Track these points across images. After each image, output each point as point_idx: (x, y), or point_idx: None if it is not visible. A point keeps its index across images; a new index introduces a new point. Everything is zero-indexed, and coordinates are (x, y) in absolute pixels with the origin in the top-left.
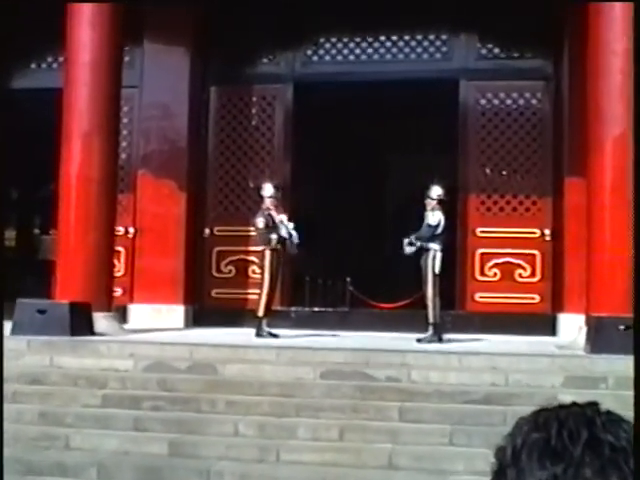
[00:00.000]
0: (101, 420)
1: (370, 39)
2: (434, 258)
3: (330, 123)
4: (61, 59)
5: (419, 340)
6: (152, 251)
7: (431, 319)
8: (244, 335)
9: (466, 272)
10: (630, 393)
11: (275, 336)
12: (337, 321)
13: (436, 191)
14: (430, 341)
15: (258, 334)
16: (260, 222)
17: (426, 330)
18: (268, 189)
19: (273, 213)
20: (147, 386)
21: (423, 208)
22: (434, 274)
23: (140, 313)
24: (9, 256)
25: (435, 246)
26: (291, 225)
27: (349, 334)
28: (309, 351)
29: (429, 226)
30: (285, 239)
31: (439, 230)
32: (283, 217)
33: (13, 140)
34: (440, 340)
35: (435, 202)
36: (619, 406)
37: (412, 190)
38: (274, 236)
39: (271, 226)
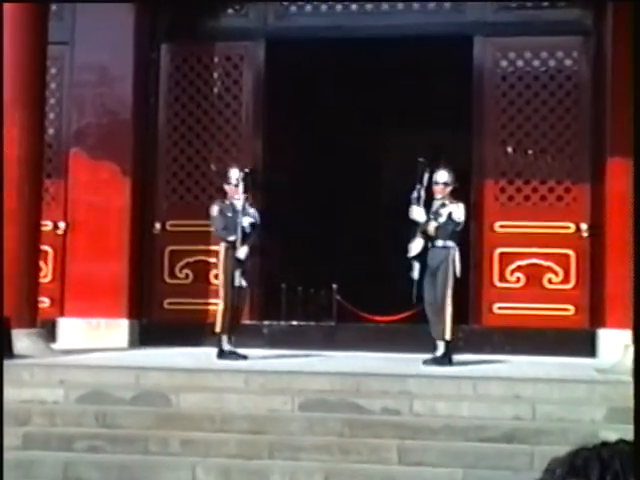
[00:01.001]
0: (23, 465)
1: None
2: (454, 258)
3: (312, 90)
4: None
5: (427, 362)
6: (88, 251)
7: (448, 335)
8: (204, 356)
9: (482, 277)
10: None
11: (242, 357)
12: (321, 338)
13: (442, 176)
14: (440, 363)
15: (220, 355)
16: (214, 209)
17: (433, 349)
18: (234, 174)
19: (237, 202)
20: (82, 421)
21: (430, 197)
22: (455, 278)
23: (73, 329)
24: None
25: (452, 243)
26: (249, 217)
27: (335, 354)
28: (286, 376)
29: (452, 221)
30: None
31: (461, 226)
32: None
33: None
34: (450, 362)
35: (447, 189)
36: None
37: (413, 175)
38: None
39: (231, 216)
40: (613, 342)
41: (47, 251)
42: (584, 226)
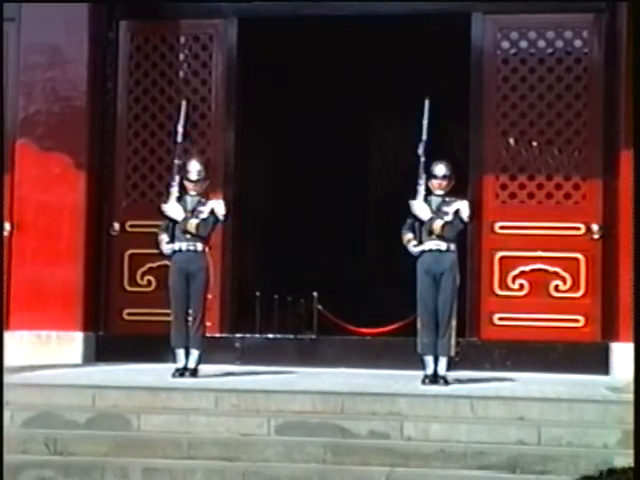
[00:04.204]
0: None
1: None
2: (455, 264)
3: (290, 75)
4: None
5: (427, 381)
6: (37, 255)
7: (452, 350)
8: (169, 373)
9: (481, 284)
10: None
11: (192, 374)
12: (300, 353)
13: (441, 169)
14: (445, 382)
15: (174, 373)
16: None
17: (422, 366)
18: (194, 167)
19: (196, 199)
20: (29, 448)
21: (429, 192)
22: (456, 286)
23: (19, 343)
24: None
25: (454, 247)
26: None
27: (317, 371)
28: (261, 395)
29: (461, 220)
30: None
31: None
32: (215, 203)
33: None
34: (445, 380)
35: (448, 183)
36: None
37: (405, 170)
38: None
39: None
40: (628, 357)
41: None
42: (595, 227)
